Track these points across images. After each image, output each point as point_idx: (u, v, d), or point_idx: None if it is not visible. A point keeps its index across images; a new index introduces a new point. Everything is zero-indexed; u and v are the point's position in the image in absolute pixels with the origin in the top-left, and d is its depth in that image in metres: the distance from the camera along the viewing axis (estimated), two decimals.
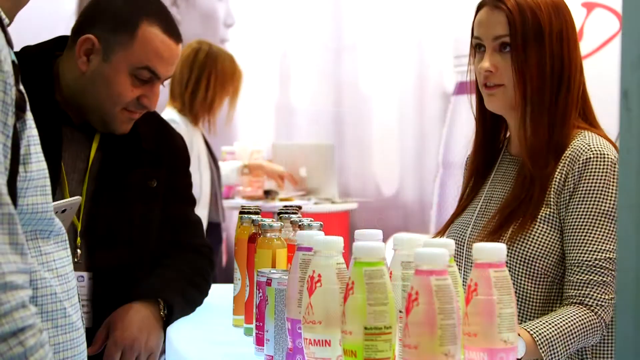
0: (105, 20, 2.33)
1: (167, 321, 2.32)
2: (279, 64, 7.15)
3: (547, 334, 1.95)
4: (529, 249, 2.09)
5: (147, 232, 2.44)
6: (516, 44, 2.12)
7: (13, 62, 1.38)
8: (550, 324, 1.98)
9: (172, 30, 2.36)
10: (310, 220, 1.96)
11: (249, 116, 7.05)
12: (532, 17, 2.12)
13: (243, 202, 5.62)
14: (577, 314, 2.01)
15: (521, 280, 2.10)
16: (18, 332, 1.27)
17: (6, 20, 1.44)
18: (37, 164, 1.45)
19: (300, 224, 1.96)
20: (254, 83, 7.06)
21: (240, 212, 2.23)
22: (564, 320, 1.99)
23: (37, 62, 2.34)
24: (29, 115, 1.43)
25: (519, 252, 2.10)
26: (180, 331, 2.21)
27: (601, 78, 2.23)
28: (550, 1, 2.15)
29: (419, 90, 6.37)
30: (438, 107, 6.18)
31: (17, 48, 1.61)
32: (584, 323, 2.00)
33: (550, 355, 1.95)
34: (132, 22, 2.31)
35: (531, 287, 2.10)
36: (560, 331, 1.97)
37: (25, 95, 1.41)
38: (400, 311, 1.44)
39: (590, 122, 2.19)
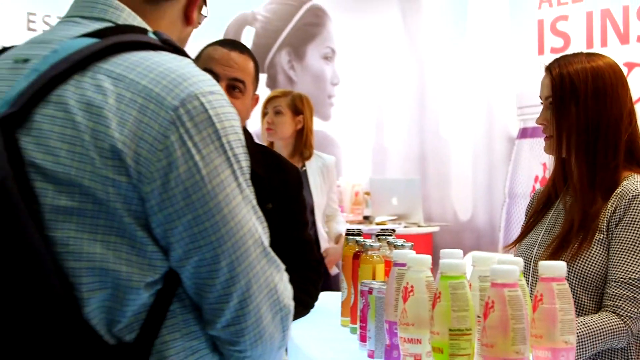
0: None
1: None
2: (375, 114, 7.18)
3: (579, 332, 1.91)
4: (585, 267, 2.06)
5: None
6: (556, 103, 2.14)
7: None
8: (584, 324, 1.94)
9: (230, 44, 2.39)
10: (404, 241, 1.96)
11: (351, 156, 7.08)
12: (570, 82, 2.12)
13: (348, 225, 5.62)
14: (608, 319, 1.97)
15: (578, 293, 2.05)
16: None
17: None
18: None
19: (395, 244, 1.96)
20: (355, 129, 7.11)
21: (347, 234, 2.24)
22: (596, 323, 1.95)
23: None
24: None
25: (577, 270, 2.06)
26: (298, 330, 2.22)
27: None
28: (590, 67, 2.12)
29: (488, 134, 6.29)
30: (504, 148, 6.09)
31: None
32: (613, 328, 1.96)
33: (579, 350, 1.90)
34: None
35: (586, 299, 2.05)
36: (591, 331, 1.93)
37: None
38: (478, 316, 1.42)
39: (638, 164, 2.15)
